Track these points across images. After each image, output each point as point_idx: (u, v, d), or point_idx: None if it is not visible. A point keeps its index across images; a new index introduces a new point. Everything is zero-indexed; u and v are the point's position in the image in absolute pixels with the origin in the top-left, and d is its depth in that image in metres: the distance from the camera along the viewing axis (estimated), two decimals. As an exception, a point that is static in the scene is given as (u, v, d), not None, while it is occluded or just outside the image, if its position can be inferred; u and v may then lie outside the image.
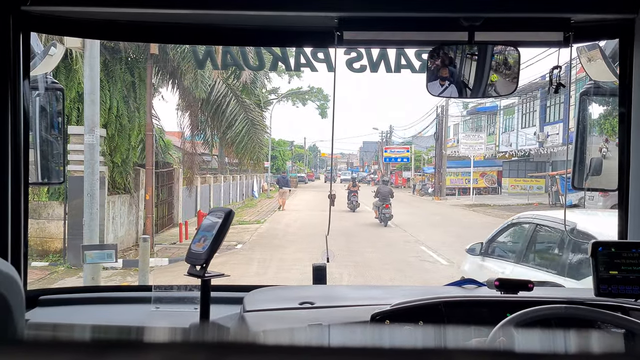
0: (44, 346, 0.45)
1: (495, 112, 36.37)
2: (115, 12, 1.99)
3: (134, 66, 12.62)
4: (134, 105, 12.58)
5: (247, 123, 15.21)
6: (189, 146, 15.57)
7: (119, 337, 0.52)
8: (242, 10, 1.94)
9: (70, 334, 0.56)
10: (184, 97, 14.50)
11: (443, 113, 33.20)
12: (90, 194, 8.11)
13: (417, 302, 1.78)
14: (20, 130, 1.89)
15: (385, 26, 1.99)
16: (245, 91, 14.57)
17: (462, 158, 35.73)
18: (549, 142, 29.60)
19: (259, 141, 15.57)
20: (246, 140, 15.27)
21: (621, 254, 1.65)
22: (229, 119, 14.92)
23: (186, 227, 14.06)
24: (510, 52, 1.96)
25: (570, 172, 2.35)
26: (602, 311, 1.51)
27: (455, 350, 0.46)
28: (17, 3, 1.83)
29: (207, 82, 13.43)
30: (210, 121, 15.71)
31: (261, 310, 1.87)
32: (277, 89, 40.48)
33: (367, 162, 77.67)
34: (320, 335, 0.54)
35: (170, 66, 13.03)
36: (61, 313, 2.19)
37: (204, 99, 14.15)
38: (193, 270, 1.71)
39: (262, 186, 36.45)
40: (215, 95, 14.50)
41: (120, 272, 10.19)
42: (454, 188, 34.79)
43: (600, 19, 1.99)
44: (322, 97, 48.34)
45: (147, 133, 12.03)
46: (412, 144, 49.93)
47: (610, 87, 2.25)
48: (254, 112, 15.60)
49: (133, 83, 12.58)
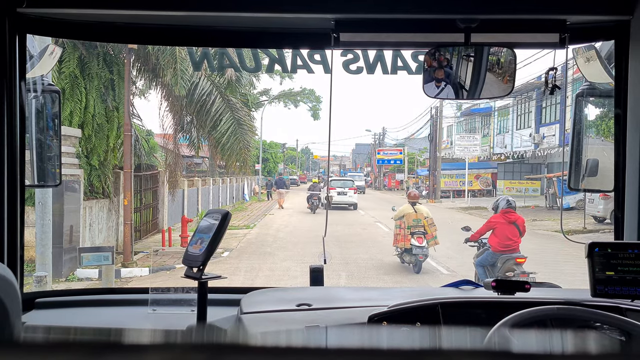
0: (41, 349, 0.46)
1: (489, 114, 35.89)
2: (111, 14, 1.99)
3: (112, 62, 11.76)
4: (112, 104, 11.73)
5: (233, 123, 14.30)
6: (172, 147, 14.62)
7: (116, 339, 0.51)
8: (239, 12, 1.95)
9: (66, 337, 0.56)
10: (165, 95, 13.59)
11: (437, 114, 32.50)
12: (42, 202, 7.31)
13: (414, 303, 1.79)
14: (16, 132, 1.90)
15: (381, 28, 2.00)
16: (230, 88, 13.68)
17: (456, 160, 35.28)
18: (545, 144, 29.11)
19: (246, 142, 14.65)
20: (232, 141, 14.36)
21: (617, 254, 1.64)
22: (214, 118, 14.01)
23: (169, 234, 13.20)
24: (507, 54, 1.97)
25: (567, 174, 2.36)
26: (594, 311, 1.51)
27: (452, 351, 0.46)
28: (13, 5, 1.84)
29: (188, 79, 12.55)
30: (194, 121, 14.77)
31: (258, 312, 1.88)
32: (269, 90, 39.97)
33: (360, 164, 77.14)
34: (318, 336, 0.49)
35: (150, 61, 12.16)
36: (58, 315, 2.20)
37: (188, 97, 13.23)
38: (190, 272, 1.72)
39: (254, 189, 35.80)
40: (199, 93, 13.59)
41: (96, 283, 9.32)
42: (448, 190, 34.21)
43: (596, 20, 2.01)
44: (314, 98, 47.91)
45: (125, 134, 11.19)
46: (404, 146, 49.57)
47: (606, 89, 2.27)
48: (241, 112, 14.69)
49: (112, 80, 11.78)
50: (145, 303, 2.18)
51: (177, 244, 13.38)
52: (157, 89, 13.57)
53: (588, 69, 2.24)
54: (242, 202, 29.67)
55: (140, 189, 14.57)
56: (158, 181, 15.79)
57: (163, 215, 16.18)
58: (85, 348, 0.46)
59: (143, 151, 14.35)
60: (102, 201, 12.16)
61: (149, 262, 11.52)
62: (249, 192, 33.46)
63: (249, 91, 21.47)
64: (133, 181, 14.04)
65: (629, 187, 2.01)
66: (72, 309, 2.27)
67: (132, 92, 13.64)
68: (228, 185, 27.11)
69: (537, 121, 30.56)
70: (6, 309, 0.91)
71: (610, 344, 1.01)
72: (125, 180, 11.49)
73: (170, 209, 17.22)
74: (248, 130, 14.78)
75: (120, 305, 2.32)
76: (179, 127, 14.69)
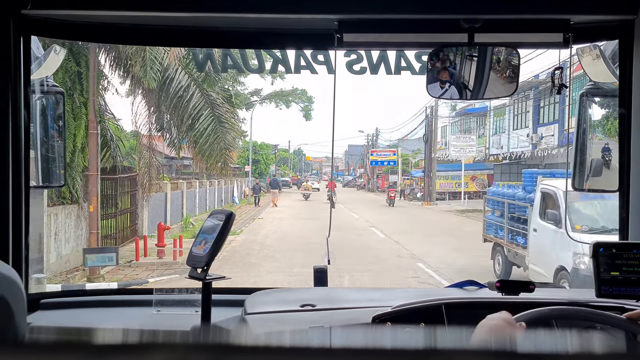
0: (46, 349, 0.46)
1: (485, 114, 34.89)
2: (115, 16, 2.02)
3: (80, 53, 10.47)
4: (79, 99, 10.43)
5: (213, 120, 13.02)
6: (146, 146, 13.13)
7: (121, 340, 0.50)
8: (243, 13, 1.98)
9: (71, 337, 0.55)
10: (135, 88, 12.20)
11: (432, 114, 31.35)
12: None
13: (418, 303, 1.80)
14: (20, 133, 1.92)
15: (384, 28, 2.02)
16: (208, 81, 12.33)
17: (450, 161, 34.30)
18: (544, 144, 28.09)
19: (228, 142, 13.33)
20: (212, 141, 13.06)
21: (622, 254, 1.63)
22: (192, 115, 12.67)
23: (145, 243, 11.90)
24: (510, 53, 1.98)
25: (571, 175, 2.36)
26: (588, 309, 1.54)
27: (456, 350, 0.47)
28: (18, 7, 1.87)
29: (159, 69, 11.23)
30: (170, 118, 13.39)
31: (262, 312, 1.89)
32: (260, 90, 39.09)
33: (353, 165, 76.23)
34: (322, 337, 0.50)
35: (116, 50, 10.87)
36: (62, 316, 2.22)
37: (163, 91, 11.89)
38: (194, 272, 1.75)
39: (244, 191, 34.64)
40: (175, 87, 12.25)
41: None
42: (444, 192, 33.14)
43: (600, 20, 2.02)
44: (306, 98, 47.04)
45: (91, 132, 9.93)
46: (398, 147, 48.96)
47: (610, 88, 2.27)
48: (222, 108, 13.36)
49: (79, 74, 10.47)
50: (150, 304, 2.19)
51: (154, 253, 12.09)
52: (126, 81, 12.22)
53: (592, 68, 2.25)
54: (231, 204, 28.44)
55: (116, 193, 13.28)
56: (137, 184, 14.44)
57: (142, 221, 14.85)
58: (90, 349, 0.47)
59: (118, 151, 13.05)
60: (69, 207, 10.92)
61: (118, 276, 10.24)
62: (238, 195, 32.22)
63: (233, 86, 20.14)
64: (110, 185, 12.76)
65: (633, 187, 2.02)
66: (77, 310, 2.30)
67: (104, 87, 12.36)
68: (216, 187, 25.84)
69: (534, 121, 29.69)
70: (11, 310, 0.91)
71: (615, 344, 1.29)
72: (91, 184, 10.24)
73: (152, 214, 15.91)
74: (230, 128, 13.48)
75: (124, 306, 2.34)
76: (154, 124, 13.30)
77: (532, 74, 24.46)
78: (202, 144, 12.92)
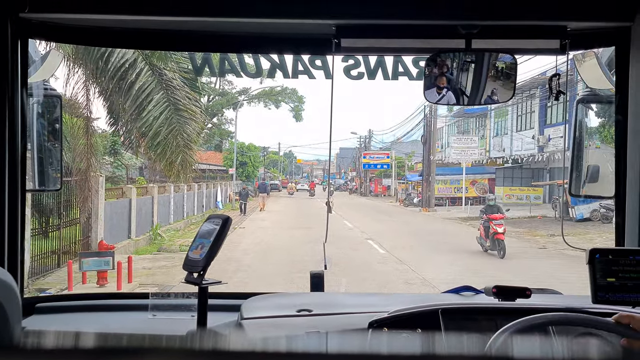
0: (41, 353, 0.46)
1: (485, 114, 32.82)
2: (113, 20, 2.03)
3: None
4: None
5: (167, 107, 10.32)
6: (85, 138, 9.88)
7: (116, 344, 0.51)
8: (241, 18, 1.99)
9: (67, 342, 0.54)
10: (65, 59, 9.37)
11: (431, 114, 29.18)
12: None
13: (414, 309, 1.81)
14: (17, 136, 1.92)
15: (382, 34, 2.04)
16: (159, 55, 9.60)
17: (448, 164, 32.19)
18: (552, 146, 25.97)
19: (187, 136, 10.63)
20: (165, 133, 10.39)
21: (619, 261, 1.62)
22: (140, 98, 10.01)
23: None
24: (507, 59, 2.01)
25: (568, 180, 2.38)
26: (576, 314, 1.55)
27: (452, 357, 0.47)
28: (16, 10, 1.87)
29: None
30: (113, 102, 10.49)
31: (259, 317, 1.91)
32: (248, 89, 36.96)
33: (344, 168, 74.09)
34: (318, 342, 0.50)
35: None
36: (58, 320, 2.23)
37: (101, 64, 9.08)
38: (190, 277, 1.75)
39: (229, 195, 32.31)
40: (116, 60, 9.50)
41: None
42: (443, 198, 30.97)
43: (597, 26, 2.04)
44: (296, 98, 44.91)
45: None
46: (391, 150, 47.14)
47: (606, 94, 2.28)
48: (180, 92, 10.64)
49: None
50: (146, 308, 2.19)
51: (94, 279, 9.55)
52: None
53: (588, 75, 2.27)
54: (214, 210, 25.92)
55: (61, 200, 10.86)
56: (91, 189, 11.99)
57: (97, 234, 12.39)
58: (85, 353, 0.47)
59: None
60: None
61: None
62: (222, 199, 29.76)
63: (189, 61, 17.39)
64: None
65: (629, 193, 2.03)
66: (73, 314, 2.31)
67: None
68: (196, 192, 23.37)
69: (541, 122, 27.70)
70: (6, 314, 0.92)
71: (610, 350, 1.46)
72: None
73: (112, 225, 13.46)
74: (190, 118, 10.77)
75: (120, 311, 2.34)
76: (87, 107, 10.10)
77: (539, 71, 22.43)
78: (152, 137, 10.24)
